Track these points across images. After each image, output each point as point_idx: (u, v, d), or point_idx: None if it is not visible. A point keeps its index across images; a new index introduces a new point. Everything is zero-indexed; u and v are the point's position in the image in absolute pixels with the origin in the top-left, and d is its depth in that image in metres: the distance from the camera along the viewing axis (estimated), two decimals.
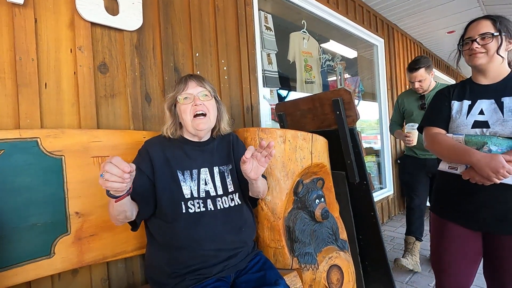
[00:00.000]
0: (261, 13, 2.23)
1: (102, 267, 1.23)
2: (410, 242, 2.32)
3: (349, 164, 1.52)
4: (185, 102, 1.05)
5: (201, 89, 1.07)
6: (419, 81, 2.18)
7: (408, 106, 2.38)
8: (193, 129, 1.07)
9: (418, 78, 2.17)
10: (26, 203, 0.99)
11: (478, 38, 1.10)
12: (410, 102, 2.36)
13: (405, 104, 2.41)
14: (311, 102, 1.64)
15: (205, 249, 1.00)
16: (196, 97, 1.05)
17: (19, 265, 0.96)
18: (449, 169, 1.14)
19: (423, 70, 2.15)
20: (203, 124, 1.06)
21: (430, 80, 2.22)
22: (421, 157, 2.31)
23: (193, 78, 1.09)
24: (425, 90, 2.22)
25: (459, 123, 1.13)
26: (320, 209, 1.29)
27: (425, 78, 2.17)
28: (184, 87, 1.06)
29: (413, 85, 2.23)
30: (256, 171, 0.96)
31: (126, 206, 0.89)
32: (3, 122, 1.04)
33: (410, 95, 2.39)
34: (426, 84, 2.20)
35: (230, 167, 1.15)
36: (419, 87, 2.20)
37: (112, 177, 0.72)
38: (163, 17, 1.51)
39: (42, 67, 1.13)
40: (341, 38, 3.31)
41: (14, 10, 1.07)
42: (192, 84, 1.07)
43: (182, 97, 1.05)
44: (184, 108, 1.05)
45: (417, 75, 2.16)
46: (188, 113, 1.04)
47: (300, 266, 1.22)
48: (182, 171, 1.06)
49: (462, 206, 1.14)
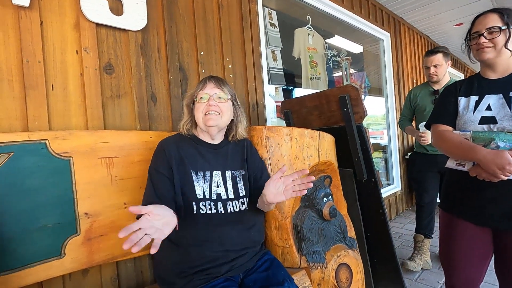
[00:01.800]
0: (265, 9, 2.21)
1: (112, 266, 1.24)
2: (419, 240, 2.29)
3: (357, 161, 1.51)
4: (200, 101, 1.08)
5: (218, 90, 1.09)
6: (435, 66, 2.10)
7: (421, 101, 2.28)
8: (203, 125, 1.08)
9: (435, 62, 2.09)
10: (36, 204, 1.00)
11: (486, 32, 1.07)
12: (423, 97, 2.27)
13: (418, 99, 2.31)
14: (317, 99, 1.63)
15: (214, 250, 1.00)
16: (211, 98, 1.08)
17: (30, 266, 0.97)
18: (457, 166, 1.13)
19: (441, 55, 2.09)
20: (212, 121, 1.06)
21: (446, 70, 2.14)
22: (432, 154, 2.24)
23: (212, 79, 1.11)
24: (439, 80, 2.14)
25: (466, 120, 1.11)
26: (328, 207, 1.28)
27: (442, 64, 2.10)
28: (202, 87, 1.10)
29: (428, 71, 2.15)
30: (276, 196, 0.93)
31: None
32: (12, 124, 1.05)
33: (423, 89, 2.30)
34: (441, 71, 2.11)
35: (242, 173, 1.14)
36: (433, 73, 2.12)
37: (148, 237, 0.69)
38: (167, 16, 1.50)
39: (49, 69, 1.14)
40: (346, 33, 3.27)
41: (20, 13, 1.07)
42: (210, 85, 1.10)
43: (199, 96, 1.08)
44: (198, 106, 1.08)
45: (434, 58, 2.09)
46: (201, 111, 1.07)
47: (308, 265, 1.22)
48: (196, 172, 1.06)
49: (470, 203, 1.12)
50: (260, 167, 1.19)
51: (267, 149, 1.27)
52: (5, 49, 1.05)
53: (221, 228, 1.03)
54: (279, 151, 1.27)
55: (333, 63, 3.07)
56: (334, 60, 3.09)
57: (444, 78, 2.16)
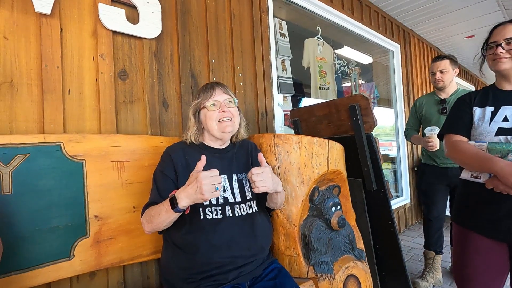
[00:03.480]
0: (276, 20, 2.24)
1: (119, 270, 1.24)
2: (430, 257, 2.19)
3: (366, 171, 1.49)
4: (212, 109, 1.08)
5: (227, 96, 1.11)
6: (441, 71, 2.05)
7: (427, 110, 2.21)
8: (219, 133, 1.09)
9: (441, 68, 2.05)
10: (48, 205, 1.02)
11: (504, 43, 1.07)
12: (430, 106, 2.20)
13: (423, 108, 2.24)
14: (327, 108, 1.63)
15: (221, 256, 1.00)
16: (223, 104, 1.09)
17: (40, 266, 0.98)
18: (472, 178, 1.10)
19: (448, 61, 2.05)
20: (229, 127, 1.08)
21: (452, 78, 2.09)
22: (442, 166, 2.14)
23: (219, 85, 1.13)
24: (445, 86, 2.08)
25: (481, 130, 1.09)
26: (336, 217, 1.27)
27: (448, 70, 2.05)
28: (211, 94, 1.09)
29: (434, 76, 2.09)
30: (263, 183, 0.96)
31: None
32: (29, 127, 1.08)
33: (429, 98, 2.24)
34: (447, 77, 2.06)
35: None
36: (439, 78, 2.06)
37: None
38: (180, 25, 1.54)
39: (66, 74, 1.17)
40: (356, 44, 3.29)
41: (42, 20, 1.12)
42: (219, 91, 1.11)
43: (210, 104, 1.08)
44: (210, 115, 1.08)
45: (440, 64, 2.05)
46: (214, 119, 1.07)
47: (316, 275, 1.20)
48: None
49: (486, 216, 1.09)
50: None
51: (276, 157, 1.28)
52: (26, 55, 1.09)
53: (229, 232, 1.02)
54: (288, 159, 1.27)
55: (342, 73, 3.08)
56: (343, 70, 3.10)
57: (451, 86, 2.10)
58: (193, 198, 0.87)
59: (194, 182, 0.86)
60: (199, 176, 0.85)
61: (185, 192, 0.88)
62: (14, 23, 1.07)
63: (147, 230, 1.01)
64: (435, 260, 2.17)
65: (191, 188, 0.87)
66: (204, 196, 0.84)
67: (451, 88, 2.11)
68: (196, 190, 0.85)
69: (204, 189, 0.83)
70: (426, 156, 2.29)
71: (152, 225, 0.97)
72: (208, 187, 0.84)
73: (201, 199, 0.86)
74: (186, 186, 0.90)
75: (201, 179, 0.84)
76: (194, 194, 0.86)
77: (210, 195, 0.84)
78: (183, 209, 0.91)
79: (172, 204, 0.90)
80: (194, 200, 0.88)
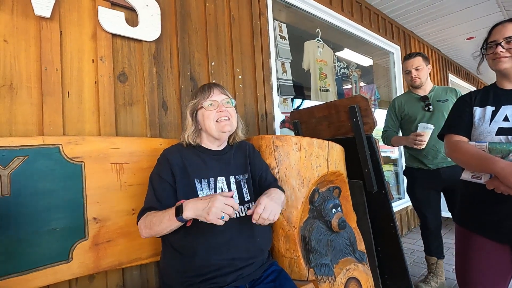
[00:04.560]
0: (275, 22, 2.25)
1: (118, 273, 1.24)
2: (433, 262, 2.12)
3: (367, 172, 1.48)
4: (209, 108, 1.08)
5: (224, 96, 1.12)
6: (416, 69, 1.97)
7: (409, 109, 2.07)
8: (217, 132, 1.09)
9: (416, 65, 1.97)
10: (47, 207, 1.01)
11: (503, 42, 1.06)
12: (411, 104, 2.07)
13: (405, 108, 2.09)
14: (326, 110, 1.63)
15: (220, 258, 0.99)
16: (221, 104, 1.09)
17: (39, 269, 0.98)
18: (473, 178, 1.09)
19: (421, 58, 1.98)
20: (228, 126, 1.09)
21: (427, 74, 2.02)
22: (432, 168, 1.96)
23: (216, 86, 1.13)
24: (422, 83, 2.00)
25: (482, 130, 1.08)
26: (337, 218, 1.26)
27: (422, 67, 1.98)
28: (209, 94, 1.10)
29: (410, 75, 2.01)
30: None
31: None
32: (28, 129, 1.08)
33: (408, 97, 2.11)
34: (423, 74, 1.98)
35: (246, 177, 1.14)
36: (416, 77, 1.98)
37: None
38: (180, 28, 1.55)
39: (66, 77, 1.18)
40: (356, 46, 3.29)
41: (42, 23, 1.13)
42: (216, 91, 1.11)
43: (207, 104, 1.08)
44: (208, 114, 1.08)
45: (414, 61, 1.98)
46: (212, 118, 1.07)
47: (316, 278, 1.19)
48: (200, 179, 1.07)
49: (488, 217, 1.08)
50: (264, 168, 1.20)
51: (276, 158, 1.27)
52: (26, 57, 1.09)
53: (227, 234, 1.01)
54: (288, 160, 1.26)
55: (342, 75, 3.08)
56: (343, 72, 3.10)
57: (427, 83, 2.03)
58: (198, 213, 0.87)
59: (208, 200, 0.86)
60: (215, 198, 0.85)
61: (194, 205, 0.88)
62: (14, 27, 1.08)
63: (144, 235, 0.99)
64: (438, 265, 2.12)
65: (202, 203, 0.87)
66: (209, 217, 0.84)
67: (428, 85, 2.04)
68: (205, 207, 0.85)
69: (212, 211, 0.83)
70: (411, 158, 2.11)
71: (151, 231, 0.96)
72: (216, 211, 0.84)
73: (205, 219, 0.86)
74: (198, 199, 0.90)
75: (214, 201, 0.84)
76: (201, 210, 0.86)
77: (214, 219, 0.84)
78: (186, 220, 0.91)
79: (177, 212, 0.89)
80: (198, 215, 0.88)
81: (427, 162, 1.97)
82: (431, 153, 1.94)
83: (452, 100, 1.88)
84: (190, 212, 0.88)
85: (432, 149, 1.93)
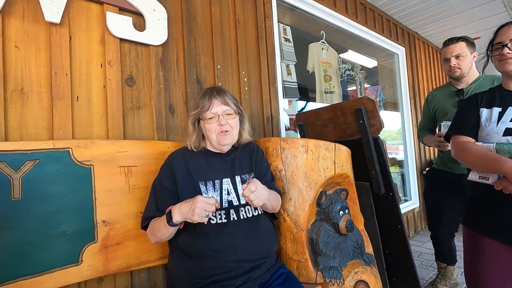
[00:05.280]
0: (280, 25, 2.26)
1: (126, 276, 1.24)
2: (442, 267, 2.05)
3: (374, 174, 1.47)
4: (210, 122, 1.08)
5: (226, 107, 1.09)
6: (457, 56, 1.66)
7: (440, 104, 1.84)
8: (218, 145, 1.10)
9: (456, 52, 1.65)
10: (57, 211, 1.02)
11: (510, 44, 1.06)
12: (443, 99, 1.82)
13: (436, 101, 1.86)
14: (332, 112, 1.62)
15: (227, 260, 0.99)
16: (221, 117, 1.08)
17: (49, 272, 0.99)
18: (480, 179, 1.08)
19: (464, 43, 1.66)
20: (227, 139, 1.09)
21: (471, 64, 1.69)
22: (457, 173, 1.77)
23: (217, 95, 1.09)
24: (463, 74, 1.69)
25: (489, 131, 1.08)
26: (344, 221, 1.25)
27: (465, 54, 1.65)
28: (209, 106, 1.08)
29: (448, 63, 1.70)
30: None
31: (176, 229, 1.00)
32: (39, 133, 1.09)
33: (443, 91, 1.86)
34: (465, 63, 1.66)
35: (252, 176, 1.14)
36: (455, 65, 1.67)
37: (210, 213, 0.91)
38: (186, 32, 1.56)
39: (75, 81, 1.19)
40: (360, 47, 3.28)
41: (51, 29, 1.14)
42: (217, 102, 1.08)
43: (208, 117, 1.08)
44: (209, 127, 1.08)
45: (455, 47, 1.66)
46: (213, 131, 1.08)
47: (324, 281, 1.18)
48: (205, 182, 1.07)
49: (497, 219, 1.07)
50: (265, 168, 1.20)
51: (282, 161, 1.27)
52: (36, 63, 1.11)
53: (234, 235, 1.02)
54: (295, 162, 1.26)
55: (347, 77, 3.08)
56: (348, 74, 3.09)
57: (471, 73, 1.70)
58: (184, 216, 0.92)
59: (190, 202, 0.91)
60: (197, 199, 0.90)
61: (180, 209, 0.93)
62: (25, 33, 1.10)
63: (152, 241, 1.05)
64: (447, 270, 2.04)
65: (186, 206, 0.92)
66: (194, 217, 0.89)
67: (472, 75, 1.71)
68: (189, 210, 0.90)
69: (196, 212, 0.88)
70: (440, 161, 1.92)
71: (156, 238, 1.02)
72: (200, 211, 0.88)
73: (191, 220, 0.90)
74: (183, 203, 0.94)
75: (196, 202, 0.89)
76: (186, 213, 0.91)
77: (199, 218, 0.89)
78: (177, 224, 0.95)
79: (167, 218, 0.94)
80: (185, 218, 0.93)
81: (453, 165, 1.79)
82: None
83: None
84: (177, 216, 0.93)
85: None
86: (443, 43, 1.77)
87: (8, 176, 0.95)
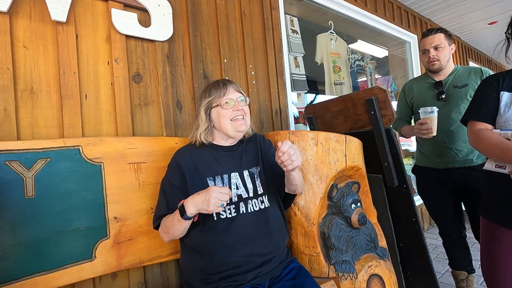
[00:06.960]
0: (287, 16, 2.21)
1: (139, 271, 1.26)
2: (463, 278, 1.76)
3: (386, 166, 1.44)
4: (226, 107, 1.06)
5: (239, 94, 1.10)
6: (435, 48, 1.64)
7: (418, 95, 1.77)
8: (233, 132, 1.08)
9: (435, 43, 1.64)
10: (70, 208, 1.04)
11: None
12: (421, 90, 1.76)
13: (414, 92, 1.79)
14: (342, 103, 1.58)
15: (238, 255, 0.99)
16: (237, 102, 1.07)
17: (64, 268, 1.01)
18: (496, 168, 1.04)
19: (443, 35, 1.65)
20: (243, 126, 1.08)
21: (449, 56, 1.68)
22: (442, 168, 1.67)
23: (231, 83, 1.12)
24: (442, 67, 1.67)
25: (507, 117, 1.03)
26: (357, 214, 1.23)
27: (444, 46, 1.64)
28: (225, 92, 1.08)
29: (427, 55, 1.67)
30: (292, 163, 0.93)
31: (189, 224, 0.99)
32: (50, 132, 1.11)
33: (420, 82, 1.80)
34: (443, 55, 1.64)
35: (259, 169, 1.13)
36: (434, 57, 1.65)
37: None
38: (192, 26, 1.55)
39: (83, 79, 1.20)
40: (370, 37, 3.20)
41: (58, 28, 1.15)
42: (232, 89, 1.09)
43: (223, 102, 1.06)
44: (224, 113, 1.06)
45: (433, 38, 1.64)
46: (228, 117, 1.06)
47: (337, 275, 1.16)
48: (213, 177, 1.06)
49: None
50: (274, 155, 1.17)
51: None
52: (45, 62, 1.12)
53: (243, 229, 1.01)
54: (304, 155, 1.24)
55: (357, 67, 3.00)
56: (358, 65, 3.02)
57: (448, 65, 1.69)
58: (199, 207, 0.91)
59: (204, 193, 0.90)
60: (211, 189, 0.90)
61: (193, 201, 0.92)
62: (33, 32, 1.11)
63: (166, 240, 1.04)
64: (469, 281, 1.75)
65: (200, 197, 0.91)
66: (209, 208, 0.88)
67: (448, 69, 1.70)
68: (204, 200, 0.90)
69: (212, 202, 0.88)
70: (421, 157, 1.80)
71: (169, 235, 1.01)
72: (215, 201, 0.88)
73: (206, 210, 0.90)
74: (195, 195, 0.93)
75: (211, 192, 0.89)
76: (201, 204, 0.90)
77: (214, 208, 0.89)
78: (191, 217, 0.94)
79: (181, 212, 0.93)
80: (199, 209, 0.92)
81: (436, 160, 1.69)
82: (437, 151, 1.67)
83: (473, 85, 1.59)
84: (192, 209, 0.92)
85: (441, 145, 1.65)
86: (422, 34, 1.76)
87: (21, 175, 0.96)
